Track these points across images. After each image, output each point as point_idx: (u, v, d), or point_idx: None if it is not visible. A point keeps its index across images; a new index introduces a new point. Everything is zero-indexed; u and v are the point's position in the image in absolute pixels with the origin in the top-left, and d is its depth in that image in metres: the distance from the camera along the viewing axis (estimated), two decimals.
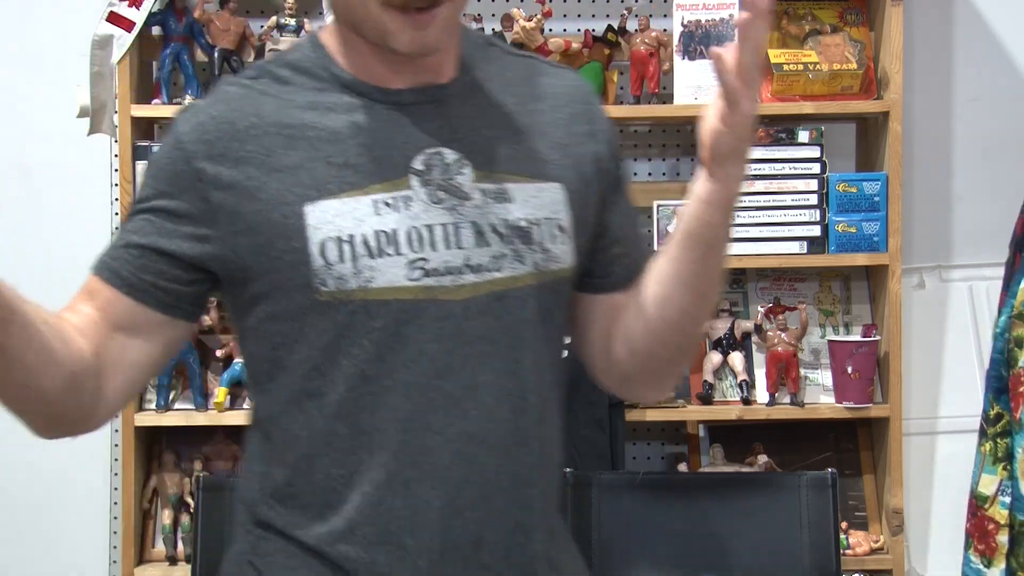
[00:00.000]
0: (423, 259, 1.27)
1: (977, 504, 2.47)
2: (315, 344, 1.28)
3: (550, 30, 2.89)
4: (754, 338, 2.93)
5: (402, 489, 1.28)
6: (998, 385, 2.45)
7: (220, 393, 2.81)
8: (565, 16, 2.99)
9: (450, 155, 1.31)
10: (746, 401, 2.87)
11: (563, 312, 1.39)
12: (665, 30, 2.88)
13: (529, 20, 2.82)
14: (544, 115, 1.38)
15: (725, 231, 1.31)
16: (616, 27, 2.91)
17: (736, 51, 1.21)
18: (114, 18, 2.75)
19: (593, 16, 3.01)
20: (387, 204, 1.28)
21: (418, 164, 1.30)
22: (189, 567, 2.61)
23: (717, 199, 1.28)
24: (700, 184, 1.29)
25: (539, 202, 1.33)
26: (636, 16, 2.92)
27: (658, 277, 1.36)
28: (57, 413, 1.31)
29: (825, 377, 2.91)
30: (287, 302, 1.29)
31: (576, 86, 1.44)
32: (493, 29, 2.89)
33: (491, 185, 1.31)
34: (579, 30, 2.93)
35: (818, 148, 2.85)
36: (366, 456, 1.28)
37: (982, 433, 2.50)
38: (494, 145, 1.34)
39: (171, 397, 2.86)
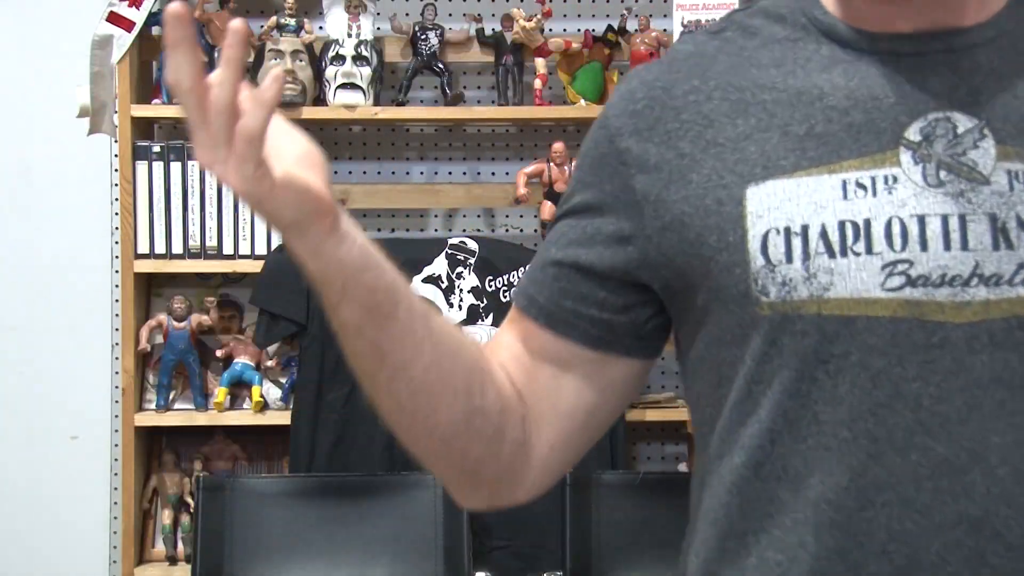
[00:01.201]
0: (907, 262, 0.92)
1: None
2: (754, 377, 0.96)
3: (550, 30, 2.89)
4: None
5: None
6: None
7: (220, 393, 2.82)
8: (565, 16, 2.99)
9: (964, 122, 0.96)
10: None
11: None
12: (665, 30, 2.88)
13: (529, 20, 2.82)
14: None
15: None
16: (616, 27, 2.91)
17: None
18: (114, 18, 2.75)
19: (593, 16, 3.01)
20: (861, 186, 0.94)
21: (913, 133, 0.96)
22: (189, 567, 2.61)
23: None
24: None
25: None
26: (636, 16, 2.92)
27: None
28: (469, 464, 1.04)
29: None
30: (727, 319, 0.97)
31: None
32: (493, 29, 2.89)
33: None
34: (579, 30, 2.93)
35: None
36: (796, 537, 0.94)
37: None
38: None
39: (171, 397, 2.86)
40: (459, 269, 2.82)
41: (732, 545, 0.97)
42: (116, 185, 2.85)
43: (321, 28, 2.86)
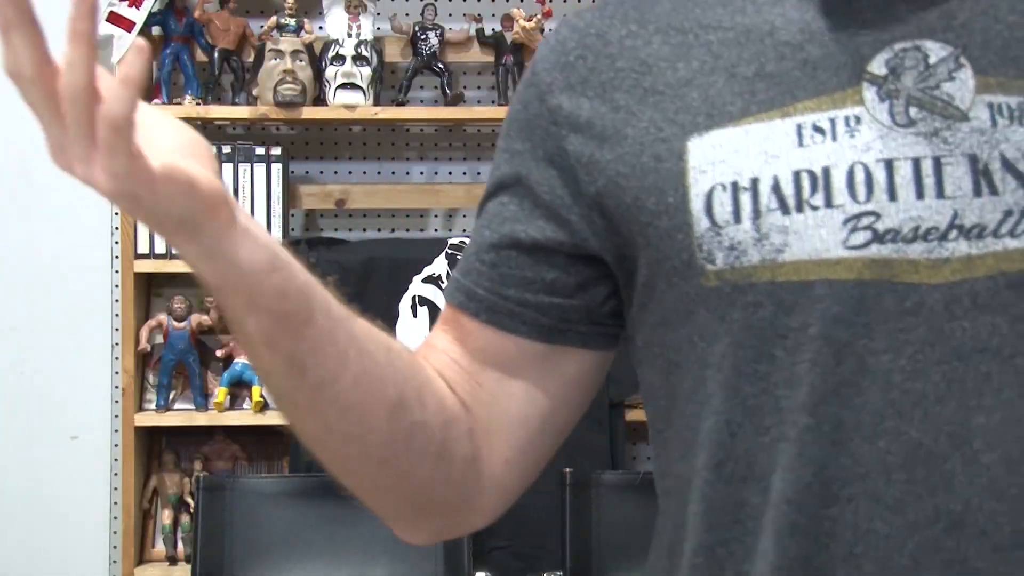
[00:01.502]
0: (873, 214, 0.79)
1: None
2: (706, 361, 0.83)
3: (550, 30, 2.89)
4: None
5: None
6: None
7: (220, 393, 2.82)
8: (565, 16, 2.99)
9: (937, 51, 0.82)
10: None
11: None
12: None
13: (529, 20, 2.82)
14: None
15: None
16: None
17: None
18: (114, 18, 2.75)
19: None
20: (819, 129, 0.81)
21: (878, 66, 0.82)
22: (189, 567, 2.61)
23: None
24: None
25: None
26: None
27: None
28: (415, 489, 0.89)
29: None
30: (670, 294, 0.84)
31: None
32: (493, 29, 2.89)
33: (1008, 99, 0.80)
34: None
35: None
36: (753, 542, 0.82)
37: None
38: (1020, 38, 0.82)
39: (171, 397, 2.87)
40: None
41: (701, 561, 0.84)
42: None
43: (321, 28, 2.86)
